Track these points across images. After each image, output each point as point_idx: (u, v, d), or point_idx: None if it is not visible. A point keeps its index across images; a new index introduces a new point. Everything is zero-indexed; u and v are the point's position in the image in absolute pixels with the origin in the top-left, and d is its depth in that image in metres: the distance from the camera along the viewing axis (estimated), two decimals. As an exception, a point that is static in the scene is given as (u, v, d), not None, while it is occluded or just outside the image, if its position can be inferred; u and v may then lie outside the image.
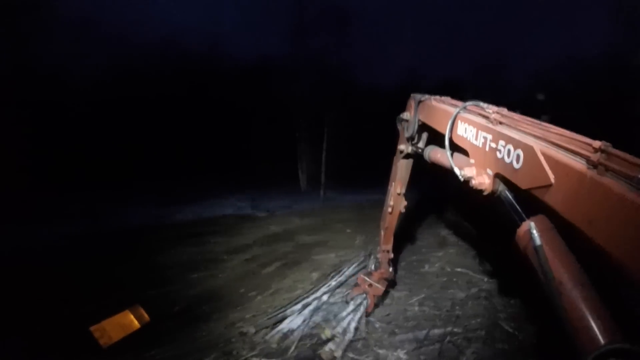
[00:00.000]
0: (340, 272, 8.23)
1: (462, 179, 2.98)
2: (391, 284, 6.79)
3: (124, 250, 11.08)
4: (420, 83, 36.56)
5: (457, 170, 3.02)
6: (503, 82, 31.31)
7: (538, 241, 2.15)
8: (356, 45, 30.86)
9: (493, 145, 2.68)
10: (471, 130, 2.99)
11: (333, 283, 7.52)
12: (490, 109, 2.85)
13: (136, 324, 6.47)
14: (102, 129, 23.12)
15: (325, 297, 6.86)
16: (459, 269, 8.13)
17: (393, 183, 5.66)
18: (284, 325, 5.86)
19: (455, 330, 5.53)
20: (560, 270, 2.03)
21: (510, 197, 2.75)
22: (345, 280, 7.73)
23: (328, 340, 5.36)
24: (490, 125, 2.77)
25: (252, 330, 5.87)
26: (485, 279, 7.41)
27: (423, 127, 4.48)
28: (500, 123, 2.71)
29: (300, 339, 5.48)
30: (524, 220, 2.45)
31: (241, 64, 31.64)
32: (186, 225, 14.59)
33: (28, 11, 20.61)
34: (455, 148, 3.27)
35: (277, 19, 31.15)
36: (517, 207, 2.66)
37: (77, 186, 19.64)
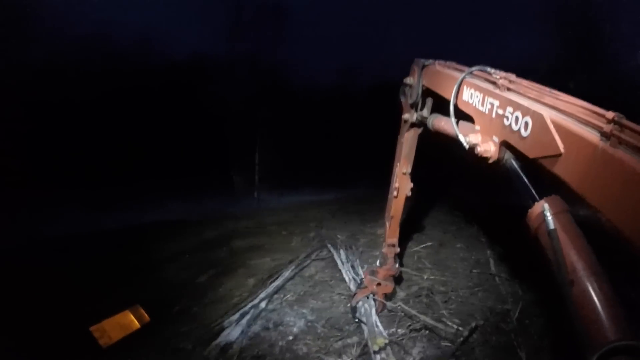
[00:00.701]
0: (277, 276, 8.15)
1: (466, 146, 2.89)
2: (397, 280, 6.53)
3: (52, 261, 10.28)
4: (356, 82, 37.26)
5: (461, 137, 2.93)
6: None
7: (552, 224, 2.08)
8: (291, 43, 30.78)
9: (500, 111, 2.60)
10: (477, 96, 2.91)
11: (271, 289, 7.42)
12: (498, 75, 2.76)
13: (136, 324, 6.43)
14: (24, 132, 20.86)
15: (263, 304, 6.75)
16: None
17: (398, 163, 5.27)
18: (222, 339, 5.67)
19: (399, 331, 5.59)
20: (574, 257, 1.96)
21: (516, 166, 2.67)
22: (283, 285, 7.64)
23: (381, 349, 4.99)
24: (497, 91, 2.68)
25: (188, 346, 5.62)
26: (425, 277, 7.60)
27: (427, 94, 4.35)
28: (508, 89, 2.62)
29: (241, 352, 5.33)
30: (531, 193, 2.44)
31: (172, 61, 30.17)
32: (111, 234, 13.70)
33: None
34: (459, 116, 3.20)
35: (211, 15, 30.14)
36: (523, 176, 2.59)
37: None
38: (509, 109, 2.49)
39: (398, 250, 5.86)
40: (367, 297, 5.91)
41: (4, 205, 15.47)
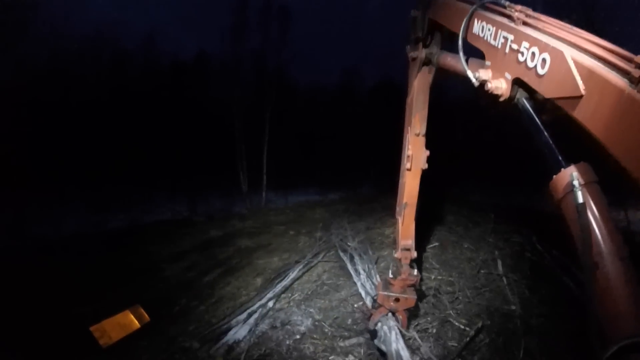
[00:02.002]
0: (284, 276, 8.17)
1: (475, 83, 2.69)
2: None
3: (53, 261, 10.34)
4: (361, 82, 37.24)
5: (470, 74, 2.73)
6: (445, 82, 32.24)
7: (581, 198, 1.88)
8: (296, 43, 30.90)
9: (514, 47, 2.40)
10: (489, 29, 2.70)
11: (278, 288, 7.44)
12: (514, 7, 2.53)
13: (136, 323, 6.48)
14: (28, 132, 21.03)
15: (270, 304, 6.77)
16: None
17: (409, 127, 4.61)
18: (229, 337, 5.70)
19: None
20: (602, 238, 1.79)
21: (528, 106, 2.46)
22: (291, 285, 7.67)
23: None
24: (512, 24, 2.47)
25: (195, 345, 5.65)
26: (432, 277, 7.60)
27: (434, 29, 4.08)
28: (525, 23, 2.41)
29: (248, 351, 5.36)
30: (543, 137, 2.26)
31: (177, 61, 30.34)
32: (119, 233, 13.82)
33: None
34: (468, 54, 3.00)
35: (216, 16, 30.28)
36: (535, 117, 2.39)
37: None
38: (525, 44, 2.31)
39: (415, 255, 4.95)
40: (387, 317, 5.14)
41: (6, 205, 15.66)
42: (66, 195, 19.56)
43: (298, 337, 5.68)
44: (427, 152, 4.61)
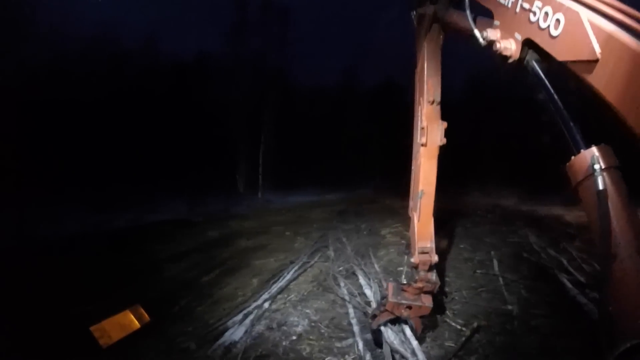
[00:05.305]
0: (280, 277, 8.18)
1: (483, 43, 2.54)
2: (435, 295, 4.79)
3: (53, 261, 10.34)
4: (360, 83, 37.23)
5: (477, 33, 2.58)
6: (445, 82, 32.18)
7: (601, 184, 1.76)
8: (296, 43, 31.00)
9: (526, 5, 2.27)
10: None
11: (274, 289, 7.45)
12: None
13: (136, 323, 6.48)
14: (28, 132, 20.97)
15: (266, 305, 6.77)
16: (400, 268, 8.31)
17: (421, 97, 4.17)
18: (226, 338, 5.71)
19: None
20: (622, 228, 1.68)
21: (538, 69, 2.32)
22: (287, 286, 7.68)
23: None
24: None
25: (193, 346, 5.66)
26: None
27: None
28: None
29: (244, 352, 5.35)
30: (553, 101, 2.15)
31: (176, 62, 30.30)
32: (119, 233, 13.80)
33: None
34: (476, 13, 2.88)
35: (216, 16, 30.38)
36: (546, 81, 2.26)
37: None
38: (538, 3, 2.18)
39: (435, 259, 4.33)
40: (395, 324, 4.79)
41: (6, 204, 15.66)
42: (65, 195, 19.52)
43: (294, 338, 5.67)
44: (445, 124, 4.13)
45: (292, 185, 24.29)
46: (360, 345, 5.16)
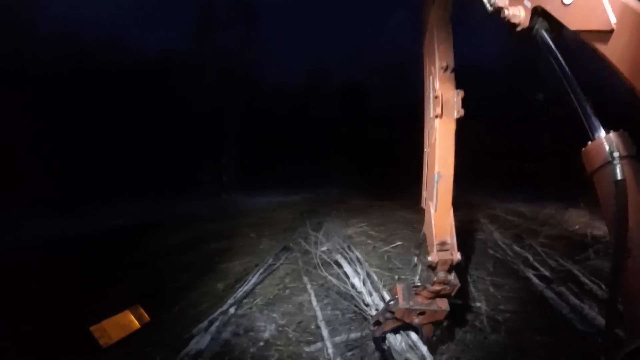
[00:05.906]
0: (246, 280, 8.12)
1: (489, 9, 2.42)
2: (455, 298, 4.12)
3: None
4: (326, 83, 37.31)
5: None
6: (409, 82, 31.97)
7: (619, 174, 1.67)
8: (261, 43, 30.71)
9: None
10: None
11: (240, 293, 7.39)
12: None
13: (136, 324, 6.37)
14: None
15: (232, 310, 6.70)
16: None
17: (432, 67, 3.83)
18: (192, 347, 5.59)
19: (363, 333, 5.61)
20: (638, 223, 1.60)
21: (548, 39, 2.19)
22: (252, 289, 7.63)
23: None
24: None
25: (157, 357, 5.52)
26: (396, 277, 7.64)
27: None
28: None
29: (211, 360, 5.29)
30: (563, 71, 2.05)
31: (138, 60, 29.25)
32: (75, 239, 13.23)
33: None
34: None
35: (180, 14, 29.69)
36: (556, 51, 2.15)
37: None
38: None
39: (458, 256, 3.68)
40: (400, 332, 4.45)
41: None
42: (21, 199, 18.59)
43: (262, 344, 5.63)
44: (462, 92, 3.73)
45: (257, 186, 24.05)
46: (330, 349, 5.19)
